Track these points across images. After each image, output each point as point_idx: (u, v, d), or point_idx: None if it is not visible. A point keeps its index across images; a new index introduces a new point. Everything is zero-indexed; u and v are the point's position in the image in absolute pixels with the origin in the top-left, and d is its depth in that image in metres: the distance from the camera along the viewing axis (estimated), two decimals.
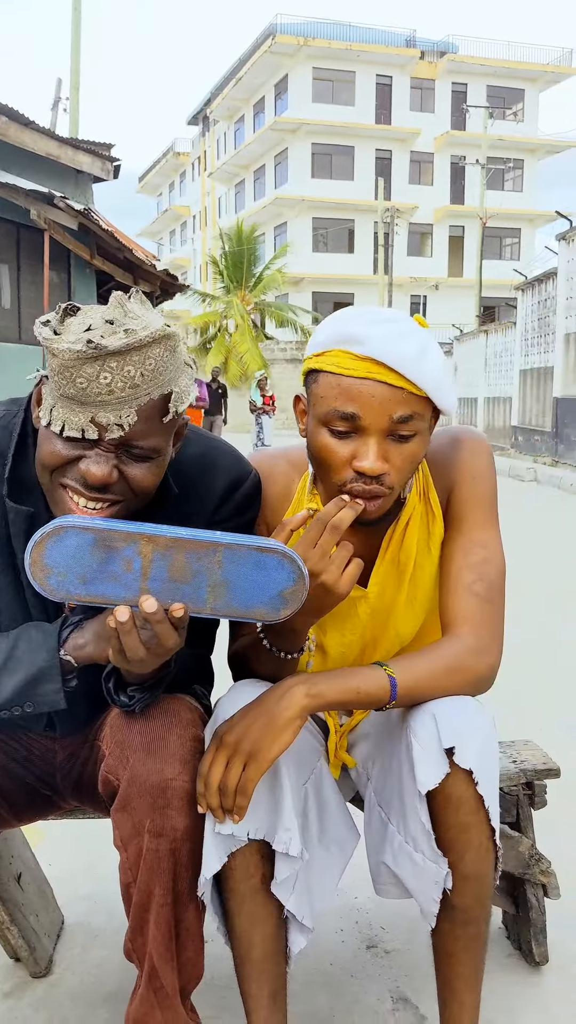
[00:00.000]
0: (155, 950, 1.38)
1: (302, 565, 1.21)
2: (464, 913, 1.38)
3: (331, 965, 1.94)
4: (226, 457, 1.53)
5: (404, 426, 1.36)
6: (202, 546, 1.18)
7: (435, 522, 1.55)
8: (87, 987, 1.87)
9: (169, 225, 59.70)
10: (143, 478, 1.30)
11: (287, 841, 1.34)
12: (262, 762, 1.29)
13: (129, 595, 1.19)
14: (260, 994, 1.42)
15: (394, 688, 1.34)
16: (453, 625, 1.45)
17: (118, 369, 1.20)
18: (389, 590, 1.57)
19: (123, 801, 1.35)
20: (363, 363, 1.35)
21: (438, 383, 1.37)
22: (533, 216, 42.38)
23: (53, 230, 11.03)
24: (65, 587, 1.18)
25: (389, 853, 1.42)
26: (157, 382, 1.24)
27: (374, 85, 40.44)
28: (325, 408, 1.38)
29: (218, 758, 1.31)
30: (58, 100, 20.34)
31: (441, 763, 1.31)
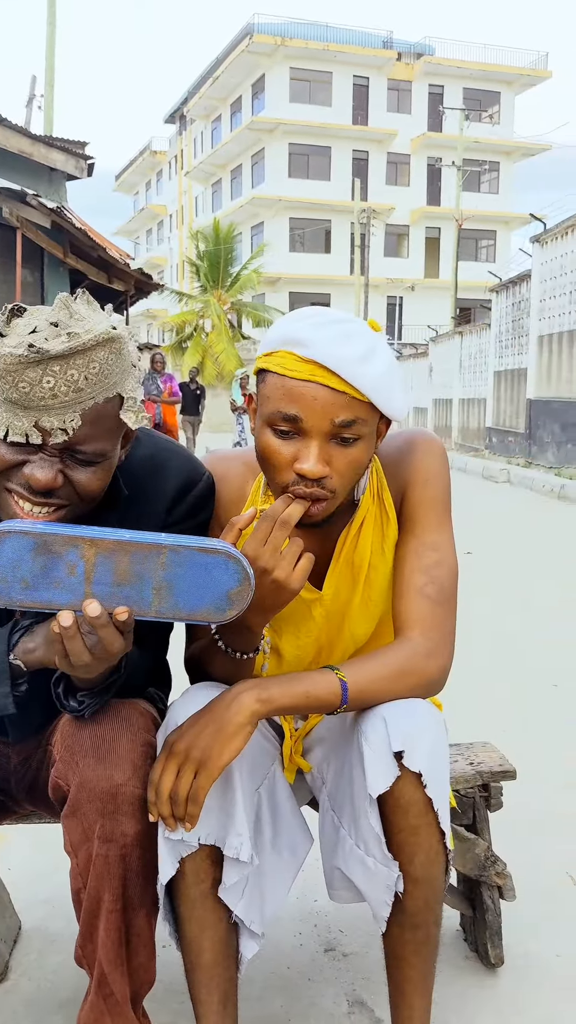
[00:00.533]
0: (105, 956, 1.37)
1: (247, 565, 1.20)
2: (414, 917, 1.38)
3: (288, 969, 1.93)
4: (177, 458, 1.52)
5: (346, 430, 1.36)
6: (145, 548, 1.17)
7: (389, 524, 1.55)
8: (43, 993, 1.86)
9: (146, 224, 59.50)
10: (89, 482, 1.29)
11: (238, 847, 1.33)
12: (212, 769, 1.28)
13: (73, 600, 1.18)
14: (210, 1000, 1.42)
15: (345, 692, 1.34)
16: (404, 628, 1.45)
17: (61, 373, 1.19)
18: (343, 592, 1.57)
19: (73, 806, 1.34)
20: (306, 365, 1.35)
21: (382, 388, 1.36)
22: (508, 218, 42.60)
23: (26, 228, 10.96)
24: (7, 593, 1.17)
25: (341, 857, 1.42)
26: (102, 385, 1.23)
27: (351, 86, 40.51)
28: (270, 408, 1.38)
29: (168, 766, 1.30)
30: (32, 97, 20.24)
31: (390, 767, 1.31)
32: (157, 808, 1.31)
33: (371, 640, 1.64)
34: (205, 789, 1.28)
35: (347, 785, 1.43)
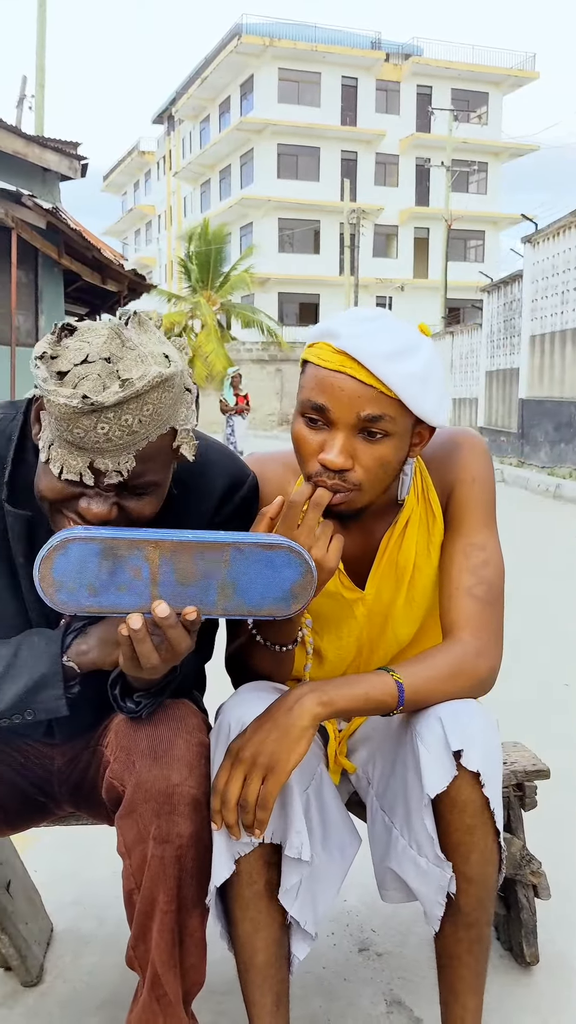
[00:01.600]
0: (158, 957, 1.37)
1: (309, 559, 1.21)
2: (467, 916, 1.38)
3: (324, 968, 1.94)
4: (223, 458, 1.52)
5: (373, 425, 1.36)
6: (208, 547, 1.18)
7: (435, 524, 1.55)
8: (79, 995, 1.86)
9: (134, 224, 59.38)
10: (142, 509, 1.29)
11: (299, 846, 1.34)
12: (280, 774, 1.28)
13: (140, 602, 1.18)
14: (264, 1001, 1.42)
15: (402, 693, 1.35)
16: (454, 628, 1.45)
17: (115, 419, 1.18)
18: (386, 592, 1.58)
19: (128, 807, 1.34)
20: (338, 356, 1.36)
21: (411, 387, 1.36)
22: (497, 218, 42.71)
23: (20, 229, 10.92)
24: (76, 600, 1.17)
25: (394, 858, 1.43)
26: (155, 423, 1.22)
27: (340, 86, 40.53)
28: (303, 397, 1.40)
29: (235, 774, 1.30)
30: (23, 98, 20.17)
31: (448, 767, 1.31)
32: (223, 816, 1.31)
33: (413, 641, 1.65)
34: (274, 795, 1.29)
35: (399, 786, 1.43)
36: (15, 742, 1.57)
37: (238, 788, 1.30)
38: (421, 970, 1.93)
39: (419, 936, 2.05)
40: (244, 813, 1.30)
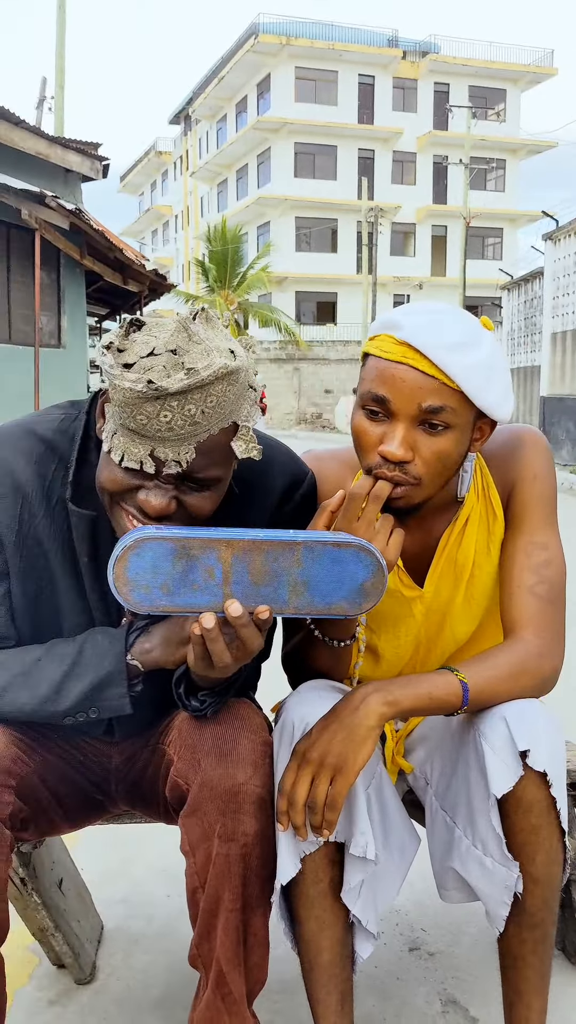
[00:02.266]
0: (223, 956, 1.37)
1: (380, 556, 1.21)
2: (533, 916, 1.38)
3: (376, 968, 1.93)
4: (282, 456, 1.52)
5: (434, 416, 1.35)
6: (280, 546, 1.18)
7: (496, 522, 1.54)
8: (133, 993, 1.86)
9: (151, 224, 59.52)
10: (202, 506, 1.29)
11: (363, 845, 1.34)
12: (349, 775, 1.28)
13: (213, 601, 1.18)
14: (329, 1000, 1.42)
15: (466, 693, 1.34)
16: (516, 627, 1.45)
17: (179, 408, 1.18)
18: (445, 590, 1.57)
19: (193, 806, 1.34)
20: (400, 347, 1.36)
21: (474, 379, 1.35)
22: (515, 216, 42.57)
23: (44, 230, 10.97)
24: (150, 600, 1.17)
25: (457, 858, 1.42)
26: (218, 416, 1.22)
27: (356, 85, 40.50)
28: (363, 389, 1.40)
29: (302, 775, 1.30)
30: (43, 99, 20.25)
31: (514, 767, 1.31)
32: (290, 817, 1.31)
33: (470, 641, 1.64)
34: (343, 795, 1.28)
35: (461, 785, 1.42)
36: (75, 740, 1.58)
37: (306, 789, 1.29)
38: (474, 970, 1.92)
39: (470, 936, 2.04)
40: (312, 814, 1.30)
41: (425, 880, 2.16)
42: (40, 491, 1.40)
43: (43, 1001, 1.83)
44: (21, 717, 1.39)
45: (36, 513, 1.41)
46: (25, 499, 1.40)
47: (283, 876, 1.35)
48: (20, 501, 1.40)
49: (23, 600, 1.44)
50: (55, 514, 1.41)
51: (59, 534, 1.41)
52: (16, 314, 11.98)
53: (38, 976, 1.92)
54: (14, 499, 1.40)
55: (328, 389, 32.15)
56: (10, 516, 1.40)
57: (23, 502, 1.40)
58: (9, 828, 1.35)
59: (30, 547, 1.42)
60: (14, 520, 1.40)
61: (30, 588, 1.43)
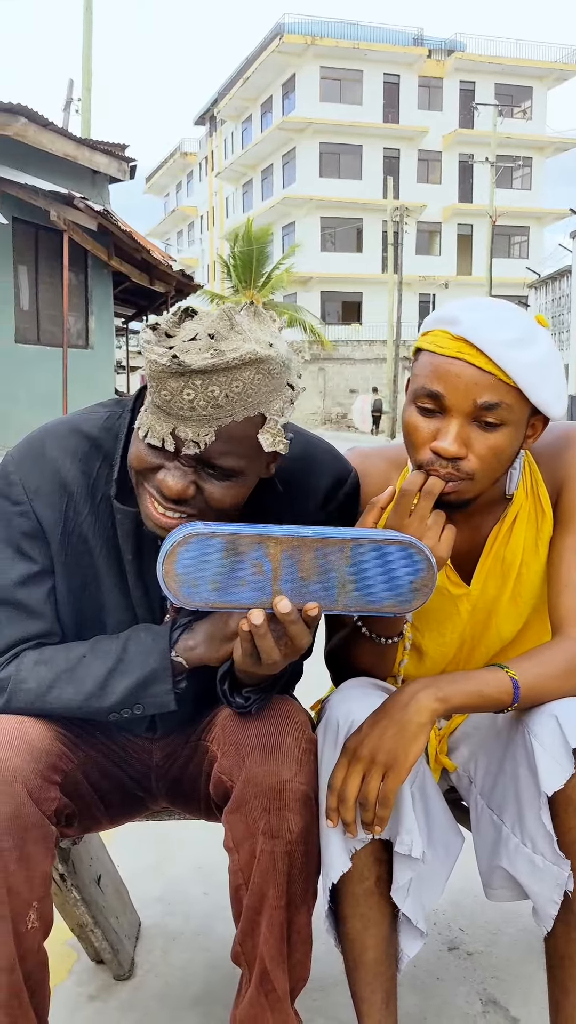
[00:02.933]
0: (267, 953, 1.36)
1: (430, 554, 1.20)
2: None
3: (415, 967, 1.92)
4: (326, 455, 1.51)
5: (489, 413, 1.34)
6: (329, 543, 1.17)
7: (544, 520, 1.53)
8: (172, 989, 1.86)
9: (176, 225, 59.71)
10: (221, 496, 1.27)
11: (409, 843, 1.33)
12: (400, 771, 1.28)
13: (261, 598, 1.18)
14: (373, 999, 1.41)
15: (517, 691, 1.33)
16: (565, 625, 1.43)
17: (202, 388, 1.18)
18: (492, 588, 1.56)
19: (237, 802, 1.34)
20: (456, 343, 1.34)
21: (531, 376, 1.33)
22: (541, 214, 42.33)
23: (72, 231, 11.03)
24: (199, 595, 1.17)
25: (505, 857, 1.40)
26: (243, 404, 1.21)
27: (382, 84, 40.43)
28: (416, 385, 1.38)
29: (353, 771, 1.30)
30: (70, 101, 20.35)
31: (567, 764, 1.29)
32: (340, 814, 1.31)
33: (515, 640, 1.62)
34: (394, 791, 1.28)
35: (509, 783, 1.41)
36: (116, 737, 1.58)
37: (357, 786, 1.29)
38: (514, 969, 1.91)
39: (509, 936, 2.03)
40: (364, 811, 1.29)
41: (463, 879, 2.14)
42: (85, 489, 1.41)
43: (83, 996, 1.84)
44: (67, 713, 1.39)
45: (81, 511, 1.41)
46: (70, 497, 1.41)
47: (333, 874, 1.35)
48: (66, 499, 1.41)
49: (68, 597, 1.44)
50: (99, 512, 1.41)
51: (103, 531, 1.42)
52: (44, 315, 12.06)
53: (77, 971, 1.92)
54: (60, 497, 1.40)
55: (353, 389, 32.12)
56: (56, 513, 1.41)
57: (68, 500, 1.41)
58: (54, 824, 1.35)
59: (75, 544, 1.42)
60: (60, 517, 1.41)
61: (75, 585, 1.44)
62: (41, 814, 1.32)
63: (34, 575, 1.42)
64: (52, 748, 1.39)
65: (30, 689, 1.37)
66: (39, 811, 1.31)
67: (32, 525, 1.40)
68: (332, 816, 1.31)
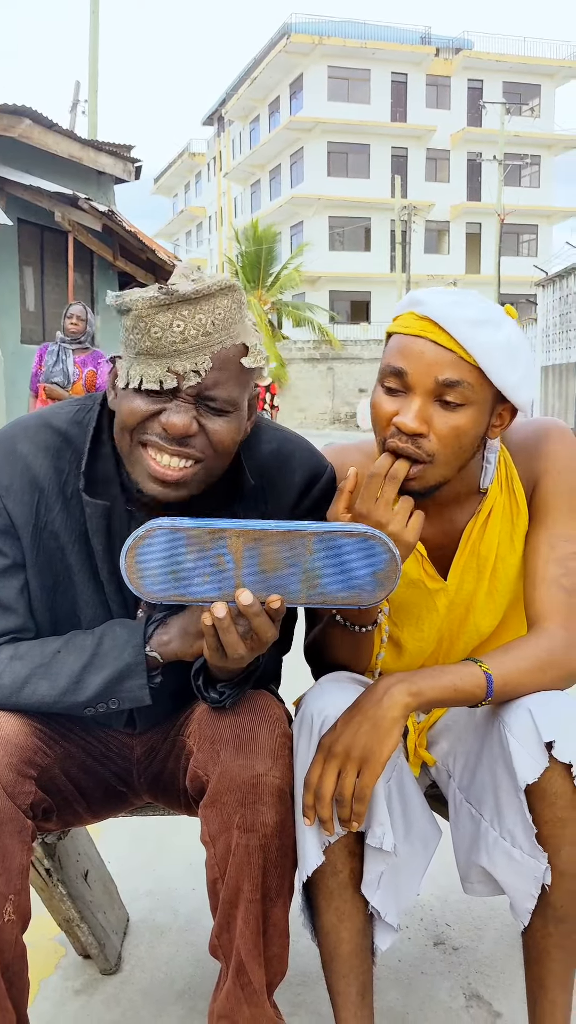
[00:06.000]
0: (243, 946, 1.37)
1: (392, 546, 1.21)
2: (558, 910, 1.36)
3: (399, 962, 1.93)
4: (301, 451, 1.53)
5: (450, 391, 1.35)
6: (291, 536, 1.18)
7: (519, 515, 1.54)
8: (158, 984, 1.87)
9: (185, 226, 59.73)
10: (223, 432, 1.32)
11: (381, 836, 1.34)
12: (375, 766, 1.29)
13: (224, 591, 1.19)
14: (348, 991, 1.42)
15: (490, 684, 1.34)
16: (541, 619, 1.44)
17: (190, 317, 1.24)
18: (469, 583, 1.56)
19: (212, 796, 1.35)
20: (420, 322, 1.38)
21: (494, 357, 1.35)
22: (550, 212, 42.19)
23: (77, 232, 11.06)
24: (161, 589, 1.19)
25: (483, 850, 1.41)
26: (228, 332, 1.28)
27: (389, 83, 40.34)
28: (382, 365, 1.42)
29: (328, 768, 1.31)
30: (76, 102, 20.40)
31: (540, 758, 1.30)
32: (317, 811, 1.32)
33: (493, 635, 1.63)
34: (371, 787, 1.29)
35: (487, 777, 1.41)
36: (98, 733, 1.59)
37: (332, 783, 1.30)
38: (498, 964, 1.91)
39: (495, 931, 2.04)
40: (340, 807, 1.30)
41: (449, 875, 2.15)
42: (56, 485, 1.42)
43: (69, 991, 1.85)
44: (42, 708, 1.40)
45: (52, 507, 1.43)
46: (42, 493, 1.42)
47: (307, 868, 1.36)
48: (37, 495, 1.42)
49: (41, 593, 1.45)
50: (71, 507, 1.43)
51: (75, 527, 1.43)
52: (50, 315, 12.08)
53: (64, 966, 1.94)
54: (31, 494, 1.42)
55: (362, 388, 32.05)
56: (27, 510, 1.42)
57: (40, 496, 1.42)
58: (31, 818, 1.36)
59: (46, 541, 1.43)
60: (31, 514, 1.42)
61: (48, 581, 1.45)
62: (15, 807, 1.33)
63: (6, 570, 1.43)
64: (27, 743, 1.40)
65: (4, 685, 1.38)
66: (13, 804, 1.32)
67: (3, 522, 1.42)
68: (309, 813, 1.33)
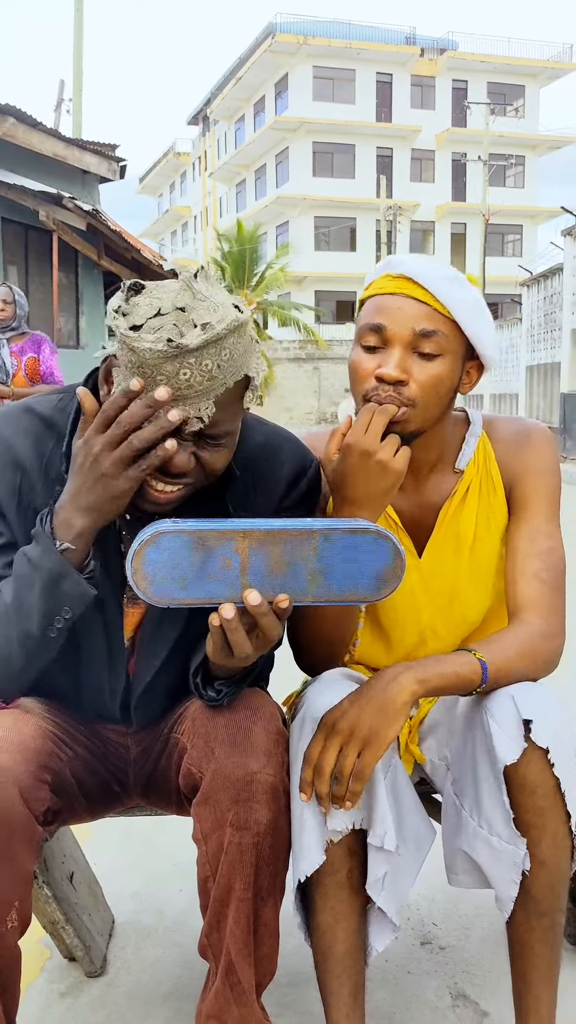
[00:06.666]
0: (233, 945, 1.36)
1: (397, 543, 1.21)
2: (540, 903, 1.37)
3: (386, 961, 1.93)
4: (288, 444, 1.53)
5: (427, 341, 1.43)
6: (296, 535, 1.19)
7: (496, 496, 1.58)
8: (144, 986, 1.86)
9: (170, 226, 59.65)
10: (216, 460, 1.32)
11: (382, 835, 1.34)
12: (378, 748, 1.30)
13: (231, 592, 1.19)
14: (341, 991, 1.42)
15: (485, 672, 1.36)
16: (521, 610, 1.48)
17: (196, 364, 1.20)
18: (447, 564, 1.60)
19: (206, 794, 1.34)
20: (396, 281, 1.46)
21: (467, 311, 1.45)
22: (535, 212, 42.33)
23: (61, 231, 11.02)
24: (168, 593, 1.18)
25: (465, 840, 1.42)
26: (232, 370, 1.24)
27: (374, 83, 40.38)
28: (360, 324, 1.48)
29: (330, 745, 1.31)
30: (61, 101, 20.35)
31: (518, 738, 1.31)
32: (315, 787, 1.32)
33: (480, 629, 1.65)
34: (371, 767, 1.30)
35: (468, 767, 1.43)
36: (97, 732, 1.57)
37: (333, 758, 1.31)
38: (485, 963, 1.91)
39: (482, 930, 2.03)
40: (337, 785, 1.30)
41: (436, 874, 2.15)
42: (39, 466, 1.41)
43: (55, 993, 1.84)
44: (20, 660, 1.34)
45: (35, 487, 1.41)
46: (24, 473, 1.41)
47: (306, 866, 1.36)
48: (20, 475, 1.41)
49: None
50: (53, 490, 1.40)
51: None
52: (35, 315, 12.01)
53: (49, 969, 1.92)
54: (14, 473, 1.41)
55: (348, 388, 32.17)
56: (10, 489, 1.41)
57: (23, 476, 1.41)
58: (41, 824, 1.35)
59: (30, 520, 1.40)
60: (14, 492, 1.41)
61: None
62: (30, 814, 1.31)
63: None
64: (44, 747, 1.40)
65: None
66: (28, 812, 1.31)
67: None
68: (306, 789, 1.33)
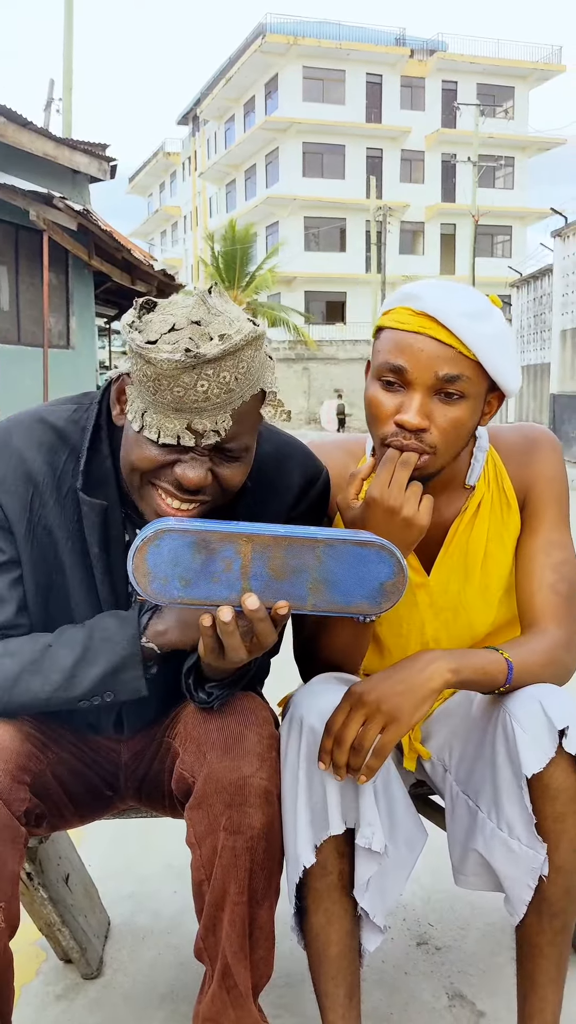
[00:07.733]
0: (229, 949, 1.36)
1: (401, 557, 1.21)
2: (553, 906, 1.37)
3: (383, 962, 1.93)
4: (298, 453, 1.53)
5: (451, 385, 1.37)
6: (301, 542, 1.18)
7: (510, 512, 1.56)
8: (140, 988, 1.86)
9: (160, 226, 59.55)
10: (234, 476, 1.30)
11: (370, 836, 1.33)
12: (402, 726, 1.30)
13: (231, 595, 1.18)
14: (336, 992, 1.42)
15: (511, 671, 1.36)
16: (538, 621, 1.47)
17: (214, 376, 1.19)
18: (455, 582, 1.57)
19: (199, 798, 1.34)
20: (417, 318, 1.38)
21: (490, 349, 1.38)
22: (524, 213, 42.44)
23: (52, 231, 10.99)
24: (168, 591, 1.18)
25: (481, 842, 1.41)
26: (249, 382, 1.23)
27: (364, 84, 40.41)
28: (379, 361, 1.42)
29: (354, 716, 1.31)
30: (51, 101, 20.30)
31: (548, 747, 1.31)
32: (333, 756, 1.31)
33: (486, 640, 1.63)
34: (391, 745, 1.30)
35: (487, 768, 1.42)
36: (86, 738, 1.57)
37: (356, 729, 1.30)
38: (481, 964, 1.91)
39: (478, 930, 2.04)
40: (355, 755, 1.30)
41: (432, 875, 2.16)
42: (51, 480, 1.41)
43: (50, 996, 1.84)
44: (35, 705, 1.37)
45: (46, 502, 1.41)
46: (36, 488, 1.40)
47: (297, 868, 1.36)
48: (31, 490, 1.40)
49: (34, 589, 1.44)
50: (65, 504, 1.41)
51: (69, 524, 1.41)
52: (25, 315, 12.01)
53: (45, 971, 1.92)
54: (25, 488, 1.40)
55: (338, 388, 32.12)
56: (21, 504, 1.40)
57: (34, 491, 1.40)
58: (24, 824, 1.35)
59: (40, 537, 1.41)
60: (25, 509, 1.40)
61: (41, 578, 1.43)
62: (11, 815, 1.31)
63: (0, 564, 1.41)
64: (22, 749, 1.39)
65: None
66: (9, 812, 1.31)
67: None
68: (325, 758, 1.32)
